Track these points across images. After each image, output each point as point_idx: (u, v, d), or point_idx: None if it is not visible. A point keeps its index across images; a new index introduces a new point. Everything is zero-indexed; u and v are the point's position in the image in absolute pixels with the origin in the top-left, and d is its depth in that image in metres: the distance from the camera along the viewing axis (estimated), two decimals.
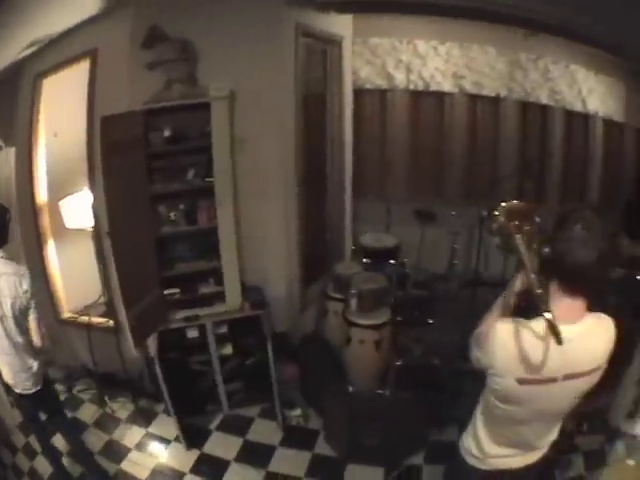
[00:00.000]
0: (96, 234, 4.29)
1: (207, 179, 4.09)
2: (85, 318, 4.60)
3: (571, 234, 1.72)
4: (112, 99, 3.95)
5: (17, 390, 3.25)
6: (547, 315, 1.63)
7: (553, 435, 2.24)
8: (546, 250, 1.79)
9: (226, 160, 4.05)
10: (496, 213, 2.10)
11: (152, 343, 3.99)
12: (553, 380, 1.85)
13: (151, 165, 4.02)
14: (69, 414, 4.29)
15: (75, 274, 4.43)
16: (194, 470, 3.94)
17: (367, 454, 4.03)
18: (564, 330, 1.69)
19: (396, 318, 4.72)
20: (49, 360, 3.92)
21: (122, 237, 3.71)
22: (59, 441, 3.69)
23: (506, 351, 1.85)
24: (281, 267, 4.86)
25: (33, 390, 3.27)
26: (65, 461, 3.75)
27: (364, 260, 5.50)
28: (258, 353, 4.35)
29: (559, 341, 1.61)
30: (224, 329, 4.28)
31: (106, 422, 4.43)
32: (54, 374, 4.48)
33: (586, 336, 1.84)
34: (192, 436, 4.19)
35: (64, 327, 4.83)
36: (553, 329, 1.62)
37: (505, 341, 1.85)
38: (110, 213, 3.64)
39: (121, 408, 4.57)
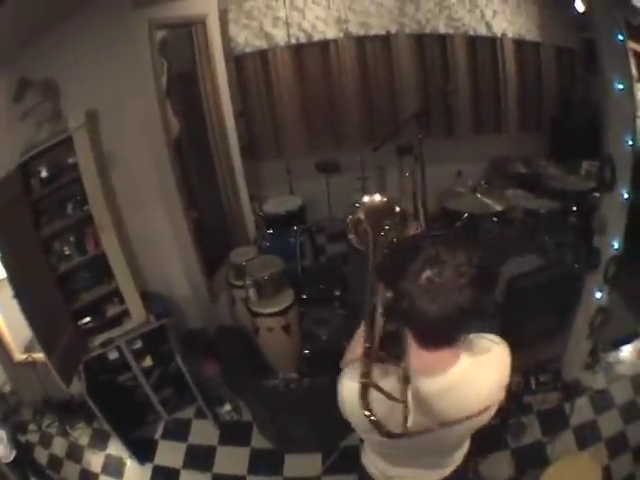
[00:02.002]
0: None
1: (85, 207, 4.69)
2: (30, 355, 5.29)
3: (413, 285, 1.64)
4: None
5: (5, 461, 4.22)
6: (367, 414, 1.67)
7: (460, 452, 2.35)
8: (387, 295, 1.79)
9: (95, 185, 4.61)
10: (357, 205, 2.35)
11: (81, 376, 4.65)
12: (428, 430, 1.82)
13: (37, 210, 4.66)
14: (45, 452, 5.15)
15: (15, 317, 4.74)
16: None
17: (300, 443, 4.73)
18: (426, 384, 1.80)
19: (301, 296, 5.44)
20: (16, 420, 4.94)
21: (27, 289, 4.38)
22: None
23: (356, 413, 1.77)
24: (179, 266, 5.61)
25: (10, 458, 4.25)
26: None
27: (268, 232, 6.32)
28: (176, 358, 4.99)
29: (383, 433, 1.68)
30: (139, 344, 4.93)
31: (74, 452, 5.13)
32: (25, 415, 5.50)
33: (460, 383, 1.84)
34: (142, 450, 4.96)
35: (19, 368, 5.46)
36: (364, 399, 1.70)
37: (353, 399, 1.77)
38: (11, 273, 4.29)
39: (82, 435, 5.28)
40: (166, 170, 5.38)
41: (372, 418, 1.69)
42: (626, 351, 5.31)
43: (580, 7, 5.62)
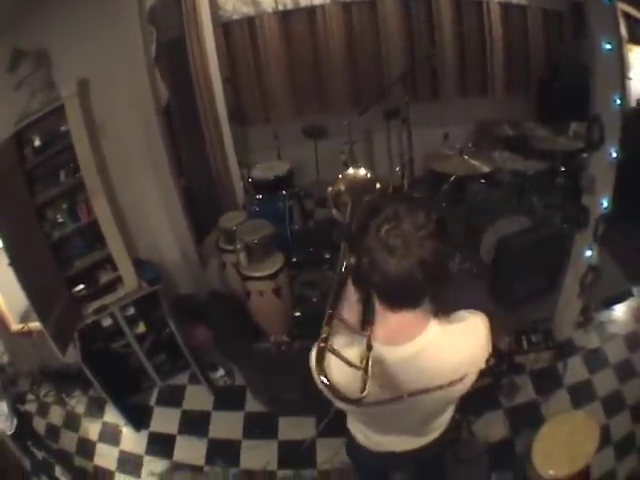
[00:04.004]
0: None
1: (77, 175, 4.73)
2: (26, 325, 5.36)
3: (372, 243, 1.64)
4: None
5: (7, 432, 4.29)
6: (325, 380, 1.74)
7: (442, 420, 2.35)
8: (351, 260, 1.76)
9: (87, 152, 4.65)
10: (339, 176, 2.39)
11: (76, 344, 4.69)
12: (396, 399, 1.87)
13: (31, 178, 4.71)
14: (43, 421, 5.21)
15: (10, 287, 4.85)
16: (148, 451, 4.79)
17: (294, 406, 4.75)
18: (391, 353, 1.81)
19: (291, 260, 5.51)
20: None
21: (22, 258, 4.46)
22: None
23: (330, 387, 1.78)
24: (170, 233, 5.69)
25: (12, 431, 4.31)
26: None
27: (257, 196, 6.37)
28: (169, 324, 5.08)
29: (340, 399, 1.74)
30: (132, 311, 4.99)
31: (71, 420, 5.19)
32: (23, 386, 5.56)
33: (428, 351, 1.83)
34: (138, 417, 5.02)
35: (16, 338, 5.52)
36: (319, 364, 1.78)
37: (320, 368, 1.80)
38: (7, 242, 4.40)
39: (78, 403, 5.34)
40: (155, 138, 5.39)
41: (326, 382, 1.74)
42: (619, 310, 5.38)
43: None
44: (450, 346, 1.87)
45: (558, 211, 5.99)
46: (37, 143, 4.64)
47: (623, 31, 6.22)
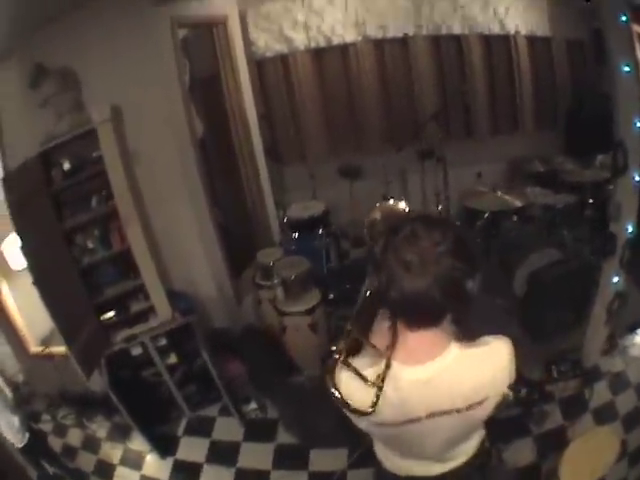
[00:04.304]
0: None
1: (110, 202, 4.74)
2: (49, 349, 5.37)
3: (392, 258, 1.67)
4: (14, 147, 4.70)
5: (17, 445, 4.23)
6: (337, 394, 1.78)
7: (464, 447, 2.25)
8: (373, 280, 1.85)
9: (121, 179, 4.66)
10: (377, 204, 2.43)
11: (103, 370, 4.67)
12: (415, 420, 1.87)
13: (59, 201, 4.71)
14: (60, 441, 5.19)
15: (32, 309, 4.95)
16: (172, 477, 4.71)
17: (327, 438, 4.63)
18: (410, 374, 1.80)
19: (328, 297, 5.51)
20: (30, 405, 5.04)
21: (48, 279, 4.47)
22: None
23: (344, 398, 1.83)
24: (205, 265, 5.66)
25: (23, 444, 4.22)
26: None
27: (293, 235, 6.38)
28: (202, 355, 4.95)
29: (350, 411, 1.79)
30: (163, 341, 4.92)
31: (91, 443, 5.16)
32: (38, 406, 5.51)
33: (448, 372, 1.81)
34: (164, 445, 4.93)
35: (34, 360, 5.53)
36: (331, 375, 1.82)
37: (341, 388, 1.85)
38: (32, 262, 4.44)
39: (99, 428, 5.30)
40: (191, 168, 5.44)
41: (336, 395, 1.81)
42: None
43: None
44: (470, 369, 1.86)
45: (587, 243, 5.97)
46: (67, 166, 4.68)
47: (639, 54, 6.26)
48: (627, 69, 3.99)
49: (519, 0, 7.23)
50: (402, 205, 2.48)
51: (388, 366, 1.74)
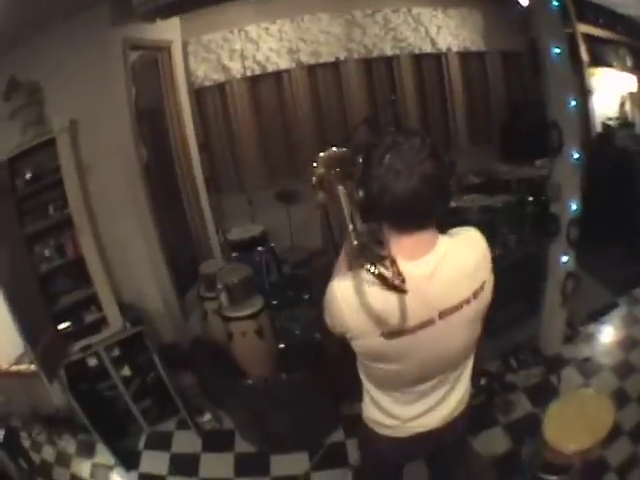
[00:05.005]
0: None
1: (65, 211, 5.13)
2: (17, 367, 5.53)
3: (379, 171, 1.87)
4: None
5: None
6: (373, 270, 1.75)
7: (468, 371, 2.46)
8: (360, 194, 1.98)
9: (76, 189, 5.11)
10: (314, 165, 2.47)
11: (62, 378, 4.93)
12: (428, 323, 2.03)
13: (21, 209, 5.09)
14: (38, 456, 5.37)
15: (4, 327, 5.13)
16: None
17: (284, 443, 4.91)
18: (414, 268, 1.94)
19: (271, 302, 5.81)
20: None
21: (10, 283, 4.84)
22: None
23: (354, 309, 1.99)
24: (152, 281, 6.03)
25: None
26: None
27: (233, 254, 6.78)
28: (154, 368, 5.26)
29: (402, 292, 1.78)
30: (117, 352, 5.16)
31: (63, 459, 5.32)
32: (16, 423, 5.71)
33: (445, 263, 2.01)
34: (128, 458, 5.14)
35: (6, 379, 5.64)
36: (384, 282, 1.76)
37: (350, 300, 1.99)
38: None
39: (68, 444, 5.47)
40: (138, 188, 5.90)
41: (372, 308, 1.97)
42: (607, 321, 5.83)
43: (524, 1, 5.91)
44: (463, 253, 2.08)
45: (530, 236, 6.32)
46: (28, 175, 5.11)
47: (584, 54, 6.80)
48: (558, 51, 4.47)
49: (452, 18, 7.96)
50: (334, 149, 2.65)
51: (394, 261, 1.80)
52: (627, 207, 6.54)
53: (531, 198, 6.47)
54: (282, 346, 5.62)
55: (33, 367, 5.37)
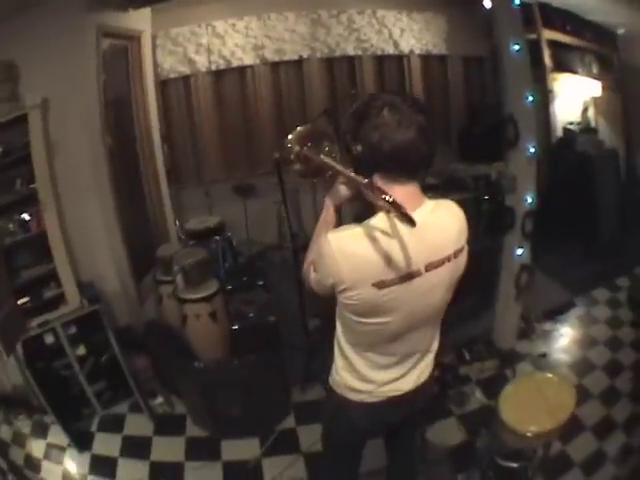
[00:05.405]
0: None
1: (31, 186, 5.28)
2: None
3: (379, 121, 2.05)
4: None
5: None
6: (388, 198, 1.84)
7: (436, 338, 2.66)
8: (358, 148, 2.14)
9: (43, 165, 5.25)
10: (289, 144, 2.53)
11: (19, 354, 4.94)
12: (416, 274, 2.17)
13: None
14: None
15: None
16: (92, 471, 4.89)
17: (236, 426, 4.99)
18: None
19: (226, 287, 5.97)
20: None
21: None
22: None
23: (350, 259, 2.11)
24: (110, 262, 6.16)
25: None
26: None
27: (190, 243, 6.95)
28: (109, 349, 5.31)
29: (412, 223, 1.84)
30: (73, 329, 5.18)
31: (19, 438, 5.31)
32: None
33: (433, 219, 2.19)
34: (79, 439, 5.16)
35: None
36: (399, 210, 1.84)
37: (345, 249, 2.12)
38: None
39: (23, 424, 5.45)
40: (102, 171, 6.10)
41: (366, 257, 2.12)
42: (564, 319, 6.10)
43: (488, 4, 6.00)
44: (446, 217, 2.28)
45: (485, 230, 6.42)
46: None
47: (547, 60, 7.05)
48: (517, 47, 4.71)
49: (416, 22, 8.27)
50: (300, 128, 2.78)
51: (398, 206, 1.87)
52: (585, 209, 6.92)
53: (487, 197, 6.65)
54: (235, 327, 5.74)
55: None
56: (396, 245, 2.10)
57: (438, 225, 2.24)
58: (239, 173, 8.43)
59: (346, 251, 2.13)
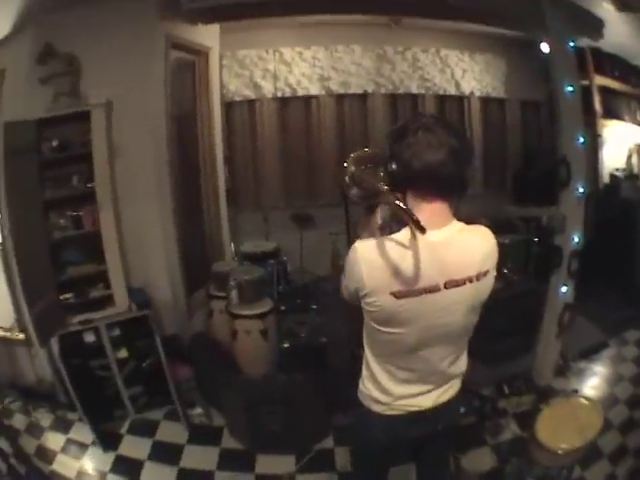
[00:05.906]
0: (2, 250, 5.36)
1: (89, 184, 5.31)
2: (4, 333, 5.59)
3: (413, 140, 2.15)
4: (13, 111, 5.17)
5: None
6: (400, 204, 2.02)
7: (462, 362, 2.61)
8: (393, 165, 2.24)
9: (104, 165, 5.26)
10: (345, 165, 2.58)
11: (55, 347, 5.00)
12: (434, 289, 2.22)
13: (43, 174, 5.22)
14: (6, 422, 5.36)
15: None
16: (113, 470, 4.81)
17: (274, 442, 4.91)
18: (430, 235, 2.11)
19: (280, 307, 5.94)
20: None
21: (21, 242, 4.99)
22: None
23: (372, 266, 2.20)
24: (164, 271, 6.14)
25: None
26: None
27: (245, 263, 6.87)
28: (152, 355, 5.24)
29: (421, 229, 1.96)
30: (117, 331, 5.15)
31: (34, 429, 5.29)
32: None
33: (458, 239, 2.25)
34: (106, 439, 5.06)
35: None
36: (410, 216, 1.99)
37: (368, 257, 2.21)
38: (10, 217, 4.98)
39: (43, 417, 5.44)
40: (165, 179, 6.13)
41: (388, 265, 2.19)
42: (596, 358, 6.02)
43: (546, 48, 5.84)
44: (474, 239, 2.31)
45: (532, 271, 6.56)
46: (55, 143, 5.29)
47: (597, 106, 6.98)
48: (570, 89, 4.72)
49: (477, 63, 8.23)
50: (358, 151, 2.83)
51: (416, 223, 2.00)
52: (626, 256, 6.79)
53: (537, 239, 6.69)
54: (287, 346, 5.76)
55: (22, 336, 5.52)
56: (416, 258, 2.17)
57: (463, 245, 2.28)
58: (298, 202, 8.32)
59: (368, 258, 2.22)
